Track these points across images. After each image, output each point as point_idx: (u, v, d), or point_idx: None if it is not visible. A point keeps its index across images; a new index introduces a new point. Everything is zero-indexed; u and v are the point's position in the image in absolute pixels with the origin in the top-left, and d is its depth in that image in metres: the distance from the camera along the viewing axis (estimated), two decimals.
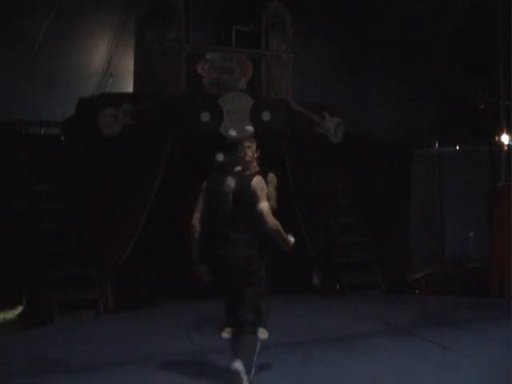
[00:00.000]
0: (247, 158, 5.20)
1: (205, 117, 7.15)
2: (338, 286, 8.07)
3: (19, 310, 7.11)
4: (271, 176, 5.26)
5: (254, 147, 5.23)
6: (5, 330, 6.54)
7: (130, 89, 7.76)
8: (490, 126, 9.30)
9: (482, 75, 9.66)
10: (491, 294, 7.46)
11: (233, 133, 4.98)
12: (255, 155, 5.26)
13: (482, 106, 9.74)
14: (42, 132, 8.73)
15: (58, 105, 8.53)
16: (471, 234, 10.06)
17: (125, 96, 7.30)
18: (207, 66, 7.42)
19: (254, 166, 5.28)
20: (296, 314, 6.59)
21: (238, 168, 4.42)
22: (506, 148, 8.63)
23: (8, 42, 9.13)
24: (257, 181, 3.99)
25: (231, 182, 4.00)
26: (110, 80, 10.13)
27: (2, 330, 6.53)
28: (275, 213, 5.14)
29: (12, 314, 7.12)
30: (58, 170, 7.68)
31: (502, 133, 8.60)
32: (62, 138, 8.07)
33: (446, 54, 10.34)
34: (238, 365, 3.69)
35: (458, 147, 11.12)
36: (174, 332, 5.66)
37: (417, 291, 8.61)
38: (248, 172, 5.18)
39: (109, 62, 10.18)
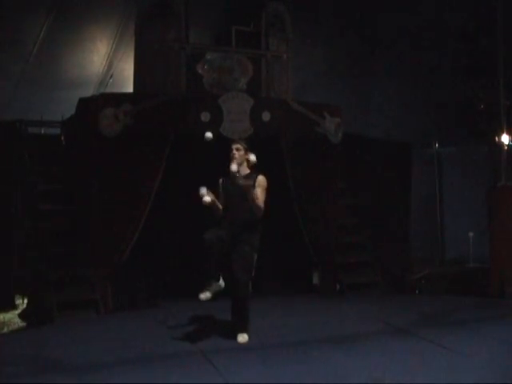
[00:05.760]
0: (235, 161, 5.23)
1: (205, 117, 7.15)
2: (338, 286, 8.08)
3: (19, 309, 7.12)
4: (260, 179, 5.27)
5: (242, 150, 5.27)
6: (5, 329, 6.55)
7: (130, 89, 7.76)
8: (489, 126, 9.30)
9: (481, 75, 9.67)
10: (491, 294, 7.45)
11: (208, 135, 5.21)
12: (245, 157, 5.29)
13: (482, 106, 9.75)
14: (42, 132, 8.74)
15: (58, 106, 8.54)
16: (471, 234, 10.06)
17: (125, 96, 7.29)
18: (207, 66, 7.41)
19: (244, 169, 5.29)
20: (296, 313, 6.58)
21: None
22: (506, 148, 8.63)
23: (8, 44, 9.14)
24: None
25: None
26: (111, 81, 10.15)
27: (1, 329, 6.54)
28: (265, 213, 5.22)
29: (12, 313, 7.13)
30: (58, 169, 7.68)
31: (502, 133, 8.60)
32: (62, 138, 8.07)
33: (446, 54, 10.34)
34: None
35: (457, 147, 11.12)
36: (173, 332, 5.65)
37: (417, 291, 8.61)
38: (237, 174, 5.21)
39: (109, 63, 10.20)
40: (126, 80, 9.08)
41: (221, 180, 5.42)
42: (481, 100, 9.77)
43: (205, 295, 5.12)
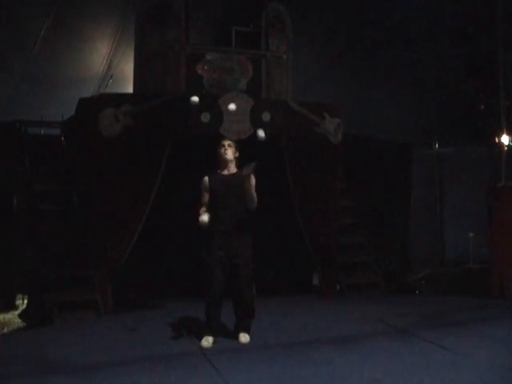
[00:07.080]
0: (227, 157, 5.21)
1: (205, 117, 7.15)
2: (338, 286, 8.08)
3: (19, 310, 7.12)
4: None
5: (233, 147, 5.24)
6: (5, 330, 6.55)
7: (130, 90, 7.77)
8: (489, 126, 9.31)
9: (482, 75, 9.67)
10: (491, 294, 7.46)
11: (232, 106, 5.23)
12: (235, 156, 5.25)
13: (482, 106, 9.75)
14: (42, 132, 8.74)
15: (58, 106, 8.55)
16: (471, 234, 10.06)
17: (125, 96, 7.30)
18: (207, 66, 7.41)
19: (233, 167, 5.24)
20: (296, 314, 6.59)
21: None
22: (506, 148, 8.63)
23: (8, 44, 9.14)
24: None
25: None
26: (111, 81, 10.15)
27: (1, 330, 6.54)
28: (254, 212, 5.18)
29: (12, 314, 7.13)
30: (58, 170, 7.69)
31: (502, 133, 8.61)
32: (62, 138, 8.07)
33: (445, 54, 10.35)
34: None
35: (457, 148, 11.13)
36: (174, 332, 5.66)
37: (417, 292, 8.61)
38: (226, 172, 5.20)
39: (109, 64, 10.20)
40: (126, 80, 9.08)
41: (206, 178, 5.25)
42: (481, 100, 9.77)
43: (207, 342, 5.06)
